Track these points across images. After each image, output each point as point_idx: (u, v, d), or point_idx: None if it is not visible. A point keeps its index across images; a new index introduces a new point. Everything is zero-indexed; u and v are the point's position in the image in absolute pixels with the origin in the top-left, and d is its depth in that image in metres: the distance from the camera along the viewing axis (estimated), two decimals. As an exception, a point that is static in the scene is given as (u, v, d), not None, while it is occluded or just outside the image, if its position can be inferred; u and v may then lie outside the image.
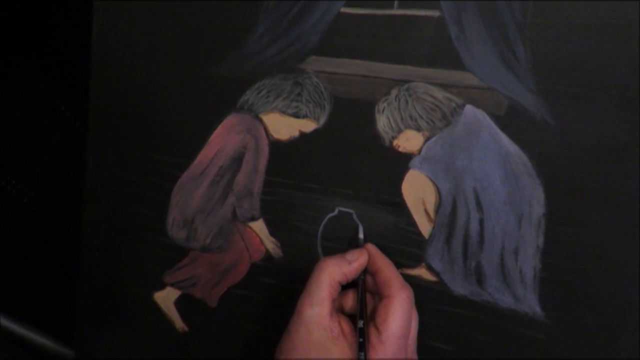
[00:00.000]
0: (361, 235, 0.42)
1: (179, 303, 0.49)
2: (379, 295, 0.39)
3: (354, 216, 0.43)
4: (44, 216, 0.57)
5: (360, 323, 0.37)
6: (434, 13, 0.40)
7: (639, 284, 0.37)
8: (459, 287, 0.41)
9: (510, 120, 0.39)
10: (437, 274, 0.41)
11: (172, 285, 0.49)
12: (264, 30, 0.44)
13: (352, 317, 0.40)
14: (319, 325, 0.36)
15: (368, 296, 0.40)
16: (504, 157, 0.39)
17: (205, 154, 0.47)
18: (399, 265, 0.43)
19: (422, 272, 0.42)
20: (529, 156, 0.38)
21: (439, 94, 0.40)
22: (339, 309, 0.40)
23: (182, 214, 0.48)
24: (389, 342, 0.36)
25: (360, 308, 0.38)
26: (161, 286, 0.50)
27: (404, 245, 0.42)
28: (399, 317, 0.36)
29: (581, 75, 0.37)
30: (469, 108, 0.40)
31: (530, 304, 0.39)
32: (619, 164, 0.36)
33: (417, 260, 0.42)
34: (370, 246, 0.41)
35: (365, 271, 0.40)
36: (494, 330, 0.40)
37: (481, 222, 0.40)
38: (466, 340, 0.41)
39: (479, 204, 0.40)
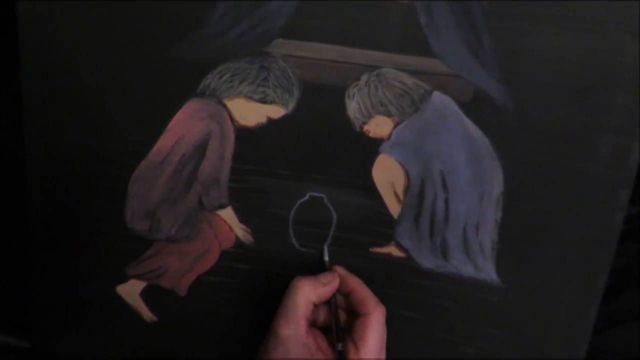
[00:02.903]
0: (326, 258, 0.42)
1: (146, 294, 0.46)
2: (354, 313, 0.39)
3: (325, 200, 0.43)
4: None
5: (339, 345, 0.37)
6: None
7: (581, 250, 0.40)
8: (426, 261, 0.43)
9: (475, 106, 0.39)
10: (406, 250, 0.43)
11: (136, 277, 0.46)
12: (226, 10, 0.40)
13: (324, 330, 0.40)
14: (297, 343, 0.36)
15: (340, 313, 0.40)
16: (469, 141, 0.40)
17: (164, 142, 0.43)
18: (370, 244, 0.43)
19: (392, 249, 0.43)
20: (490, 140, 0.40)
21: (409, 80, 0.40)
22: (312, 324, 0.40)
23: (143, 205, 0.44)
24: (368, 357, 0.37)
25: (337, 330, 0.38)
26: (124, 279, 0.46)
27: (374, 226, 0.43)
28: (376, 334, 0.37)
29: (539, 64, 0.38)
30: (436, 94, 0.40)
31: (488, 272, 0.42)
32: (570, 145, 0.39)
33: (387, 239, 0.43)
34: (339, 268, 0.41)
35: (337, 291, 0.40)
36: (457, 297, 0.43)
37: (447, 201, 0.41)
38: (433, 308, 0.43)
39: (445, 185, 0.41)
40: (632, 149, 0.38)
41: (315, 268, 0.43)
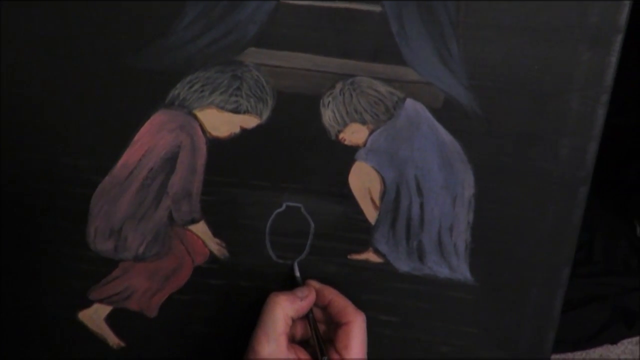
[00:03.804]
0: (297, 274, 0.41)
1: (111, 319, 0.44)
2: (335, 323, 0.39)
3: (302, 210, 0.42)
4: None
5: (324, 359, 0.37)
6: (376, 8, 0.39)
7: (546, 245, 0.43)
8: (403, 265, 0.43)
9: (446, 112, 0.41)
10: (383, 255, 0.43)
11: (100, 301, 0.43)
12: (194, 18, 0.39)
13: (303, 345, 0.40)
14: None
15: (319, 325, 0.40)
16: (441, 146, 0.41)
17: (130, 156, 0.41)
18: (347, 251, 0.43)
19: (369, 255, 0.43)
20: (461, 144, 0.41)
21: (382, 88, 0.40)
22: (290, 340, 0.39)
23: (107, 223, 0.42)
24: None
25: (319, 344, 0.38)
26: (87, 304, 0.43)
27: (352, 233, 0.43)
28: (360, 341, 0.38)
29: (503, 71, 0.40)
30: (409, 101, 0.41)
31: (462, 272, 0.43)
32: (533, 148, 0.41)
33: (365, 245, 0.43)
34: (313, 282, 0.41)
35: (314, 304, 0.40)
36: (433, 298, 0.44)
37: (421, 205, 0.42)
38: (411, 310, 0.44)
39: (419, 190, 0.42)
40: (588, 150, 0.41)
41: (294, 280, 0.42)
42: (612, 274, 1.06)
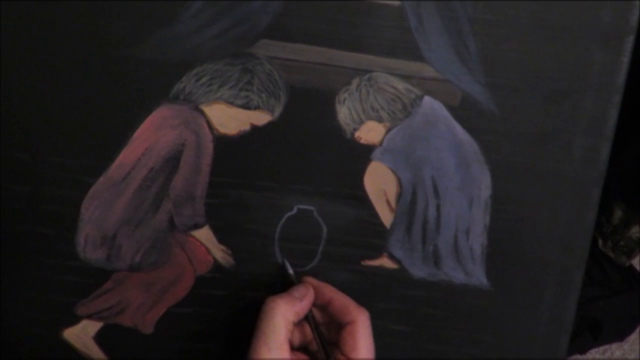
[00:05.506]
0: (290, 271, 0.38)
1: (101, 337, 0.39)
2: (336, 324, 0.36)
3: (315, 213, 0.40)
4: None
5: None
6: (394, 2, 0.38)
7: (560, 248, 0.42)
8: (418, 271, 0.41)
9: (463, 111, 0.39)
10: (398, 261, 0.41)
11: (89, 317, 0.39)
12: (202, 5, 0.36)
13: (302, 351, 0.37)
14: None
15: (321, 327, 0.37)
16: (458, 145, 0.40)
17: (128, 155, 0.37)
18: (361, 257, 0.41)
19: (384, 261, 0.41)
20: (478, 144, 0.40)
21: (400, 84, 0.39)
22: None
23: (100, 230, 0.38)
24: None
25: (323, 346, 0.35)
26: (73, 320, 0.39)
27: (366, 238, 0.40)
28: (367, 342, 0.35)
29: (518, 69, 0.39)
30: (427, 99, 0.39)
31: (478, 277, 0.42)
32: (548, 148, 0.40)
33: (379, 251, 0.41)
34: (310, 279, 0.38)
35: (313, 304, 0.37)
36: (448, 305, 0.42)
37: (438, 208, 0.41)
38: (424, 318, 0.42)
39: (436, 191, 0.41)
40: (601, 150, 0.41)
41: (287, 279, 0.39)
42: (577, 284, 1.08)
